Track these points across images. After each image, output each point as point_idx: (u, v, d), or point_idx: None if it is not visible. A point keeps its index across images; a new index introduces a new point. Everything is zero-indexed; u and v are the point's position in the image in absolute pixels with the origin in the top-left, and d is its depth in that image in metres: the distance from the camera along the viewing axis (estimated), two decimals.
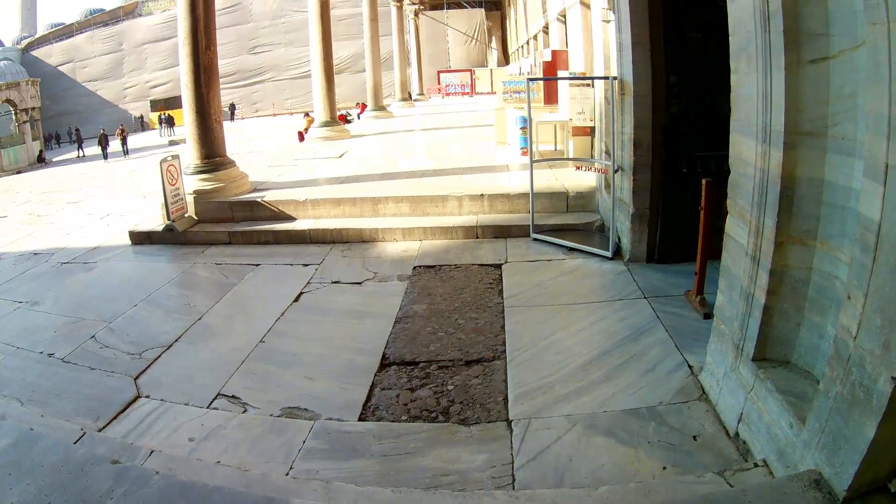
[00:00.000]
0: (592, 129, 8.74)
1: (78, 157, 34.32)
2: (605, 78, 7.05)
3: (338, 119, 18.55)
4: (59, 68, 55.04)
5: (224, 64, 21.23)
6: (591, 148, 8.95)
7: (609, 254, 6.66)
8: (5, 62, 47.06)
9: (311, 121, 19.32)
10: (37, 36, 61.23)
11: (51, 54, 55.59)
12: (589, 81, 8.48)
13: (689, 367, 4.22)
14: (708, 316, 4.78)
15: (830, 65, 2.85)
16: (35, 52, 55.98)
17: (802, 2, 2.89)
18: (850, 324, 2.42)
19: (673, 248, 6.29)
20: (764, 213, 3.21)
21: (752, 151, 3.33)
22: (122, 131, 31.51)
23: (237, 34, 49.15)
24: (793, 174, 3.03)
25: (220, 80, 10.36)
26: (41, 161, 35.10)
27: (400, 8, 32.18)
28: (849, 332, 2.43)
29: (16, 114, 38.24)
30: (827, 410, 2.54)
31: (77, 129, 41.43)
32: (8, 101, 37.58)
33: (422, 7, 42.07)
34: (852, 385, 2.38)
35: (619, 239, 6.78)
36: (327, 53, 17.36)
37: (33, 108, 38.84)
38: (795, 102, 2.95)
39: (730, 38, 3.57)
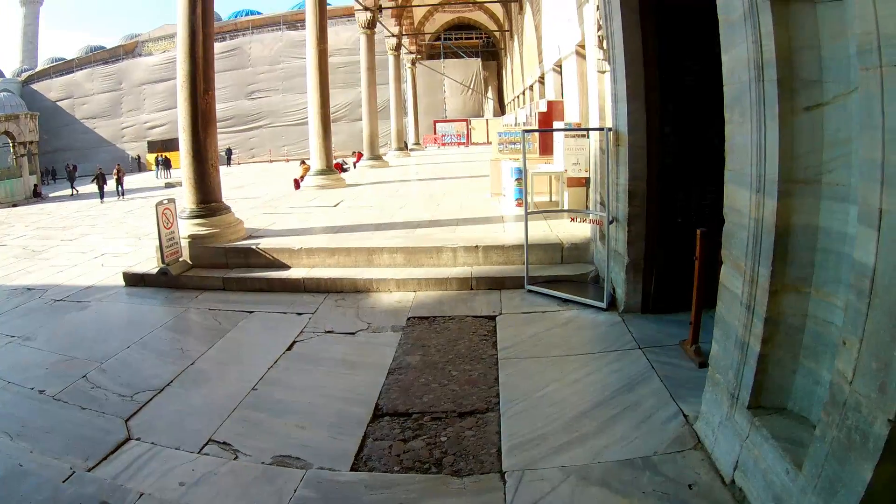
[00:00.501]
0: (587, 180, 8.92)
1: (71, 194, 34.46)
2: (601, 129, 7.24)
3: (334, 168, 18.78)
4: (58, 103, 56.23)
5: (221, 108, 21.63)
6: (587, 198, 9.13)
7: (604, 305, 6.75)
8: (5, 94, 47.90)
9: (307, 169, 19.56)
10: (37, 70, 62.62)
11: (50, 89, 56.82)
12: (584, 132, 8.69)
13: (685, 416, 4.28)
14: (703, 365, 4.85)
15: (824, 111, 2.96)
16: (35, 86, 57.28)
17: (796, 49, 3.00)
18: (846, 369, 2.48)
19: (668, 298, 6.39)
20: (759, 263, 3.30)
21: (746, 201, 3.42)
22: (118, 171, 31.59)
23: (235, 78, 50.16)
24: (787, 222, 3.11)
25: (218, 124, 10.56)
26: (37, 196, 35.35)
27: (397, 57, 32.83)
28: (844, 377, 2.49)
29: (13, 146, 38.92)
30: (823, 455, 2.60)
31: (74, 167, 41.87)
32: (6, 132, 38.19)
33: (419, 56, 42.96)
34: (848, 429, 2.43)
35: (613, 290, 6.88)
36: (324, 102, 17.68)
37: (31, 142, 39.44)
38: (790, 151, 3.05)
39: (724, 89, 3.68)
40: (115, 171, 31.89)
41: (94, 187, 30.22)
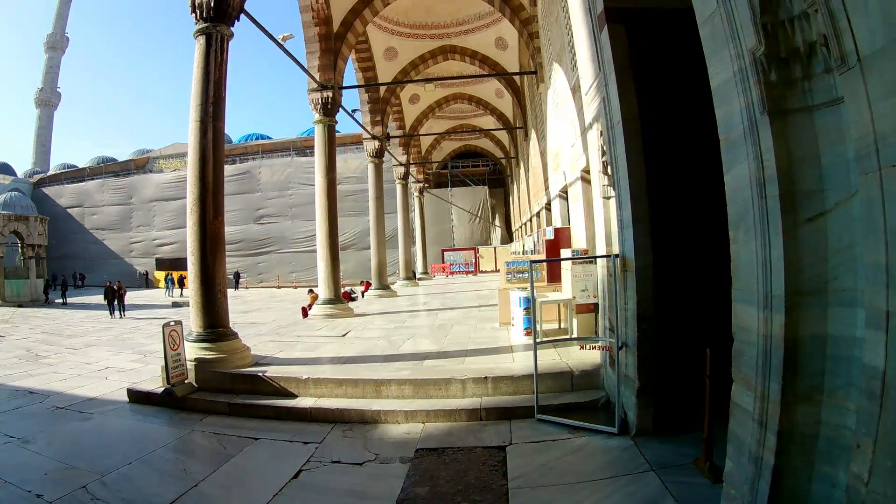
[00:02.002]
0: (596, 306, 9.19)
1: (63, 302, 35.16)
2: (608, 256, 7.60)
3: (342, 297, 19.19)
4: (69, 210, 57.95)
5: (230, 231, 22.40)
6: (595, 324, 9.39)
7: (615, 430, 6.87)
8: (15, 193, 49.46)
9: (315, 297, 19.94)
10: (49, 173, 65.42)
11: (61, 195, 59.01)
12: (591, 259, 9.03)
13: None
14: (717, 481, 4.90)
15: (827, 219, 3.12)
16: (46, 189, 59.70)
17: (796, 161, 3.22)
18: (861, 471, 2.58)
19: (681, 418, 6.51)
20: (769, 378, 3.42)
21: (754, 319, 3.56)
22: (119, 288, 30.25)
23: (244, 202, 51.54)
24: (796, 335, 3.22)
25: (226, 247, 11.06)
26: (45, 300, 35.69)
27: (405, 186, 34.17)
28: (860, 480, 2.58)
29: (22, 247, 39.82)
30: None
31: (82, 276, 42.32)
32: (15, 232, 39.14)
33: (427, 185, 44.40)
34: None
35: (625, 414, 7.00)
36: (333, 231, 18.41)
37: (40, 246, 40.51)
38: (795, 264, 3.20)
39: (728, 209, 3.90)
40: (116, 286, 30.76)
41: (88, 299, 29.98)
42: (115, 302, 29.05)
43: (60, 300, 37.09)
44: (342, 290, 20.04)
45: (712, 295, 6.02)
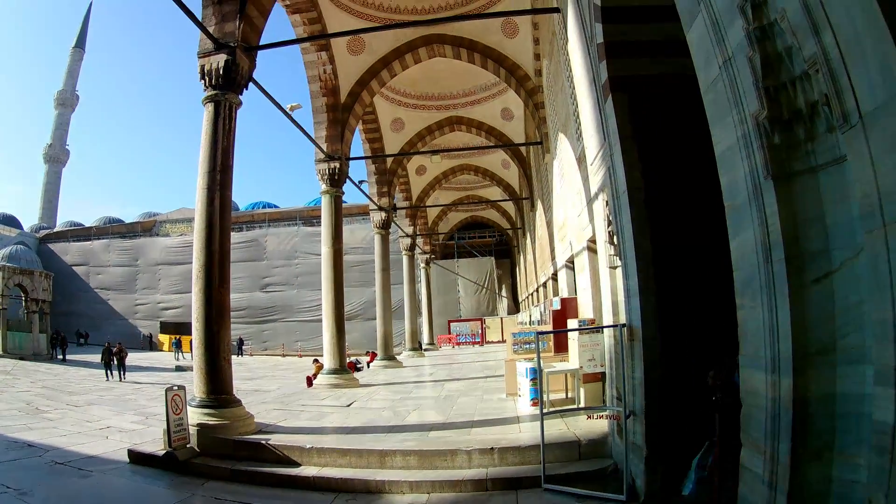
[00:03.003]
0: (603, 375, 9.18)
1: (62, 359, 35.21)
2: (614, 326, 7.65)
3: (347, 367, 19.17)
4: (74, 268, 57.98)
5: (235, 298, 22.44)
6: (603, 393, 9.39)
7: (623, 497, 6.79)
8: (21, 247, 50.05)
9: (320, 367, 19.90)
10: (55, 230, 66.06)
11: (67, 252, 59.16)
12: (599, 329, 9.07)
13: None
14: None
15: (833, 279, 3.13)
16: (52, 245, 59.99)
17: (801, 223, 3.25)
18: None
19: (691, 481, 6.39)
20: (778, 440, 3.42)
21: (762, 383, 3.58)
22: (120, 350, 28.70)
23: (250, 270, 51.80)
24: (805, 396, 3.22)
25: (231, 313, 11.12)
26: (49, 355, 36.34)
27: (411, 257, 34.52)
28: None
29: (26, 301, 39.92)
30: None
31: (86, 334, 42.27)
32: (20, 285, 39.48)
33: (433, 256, 44.67)
34: None
35: (633, 480, 6.94)
36: (338, 302, 18.54)
37: (44, 301, 40.77)
38: (802, 326, 3.21)
39: (734, 275, 3.96)
40: (116, 348, 28.98)
41: (91, 357, 29.66)
42: (115, 363, 27.93)
43: (60, 356, 36.86)
44: (347, 360, 20.03)
45: (720, 360, 6.09)
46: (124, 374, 28.06)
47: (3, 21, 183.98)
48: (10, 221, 63.92)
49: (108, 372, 27.81)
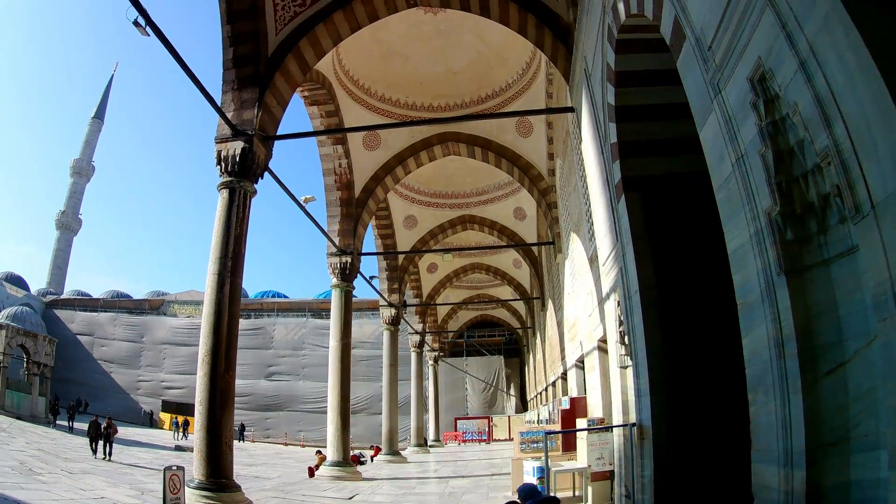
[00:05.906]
0: (611, 473, 9.06)
1: (70, 427, 34.13)
2: (624, 425, 7.63)
3: (350, 460, 18.87)
4: (79, 337, 57.18)
5: (240, 384, 22.23)
6: (611, 491, 9.22)
7: None
8: (26, 308, 49.63)
9: (323, 458, 19.63)
10: (62, 297, 65.35)
11: (72, 320, 58.36)
12: (608, 428, 9.02)
13: None
14: None
15: (846, 369, 3.08)
16: (57, 311, 59.07)
17: (814, 317, 3.23)
18: None
19: None
20: None
21: (774, 477, 3.52)
22: (109, 426, 24.27)
23: (256, 357, 51.28)
24: (818, 487, 3.16)
25: (235, 398, 11.10)
26: (47, 419, 35.65)
27: (420, 354, 34.47)
28: None
29: (27, 363, 39.38)
30: None
31: (86, 403, 41.68)
32: (22, 346, 38.97)
33: (442, 354, 44.52)
34: None
35: None
36: (344, 395, 18.48)
37: (46, 366, 40.23)
38: (816, 419, 3.17)
39: (746, 371, 3.98)
40: (105, 423, 24.42)
41: (84, 426, 27.72)
42: (102, 441, 23.69)
43: (67, 423, 35.03)
44: (351, 454, 19.70)
45: (731, 456, 6.04)
46: (111, 452, 23.75)
47: (25, 87, 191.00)
48: (18, 282, 63.79)
49: (94, 448, 23.75)
